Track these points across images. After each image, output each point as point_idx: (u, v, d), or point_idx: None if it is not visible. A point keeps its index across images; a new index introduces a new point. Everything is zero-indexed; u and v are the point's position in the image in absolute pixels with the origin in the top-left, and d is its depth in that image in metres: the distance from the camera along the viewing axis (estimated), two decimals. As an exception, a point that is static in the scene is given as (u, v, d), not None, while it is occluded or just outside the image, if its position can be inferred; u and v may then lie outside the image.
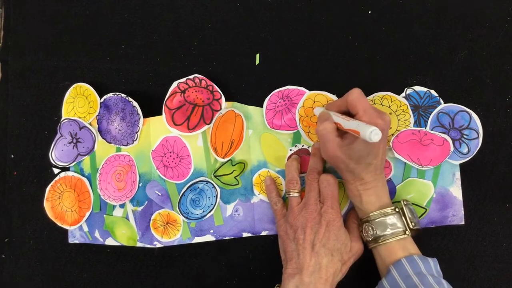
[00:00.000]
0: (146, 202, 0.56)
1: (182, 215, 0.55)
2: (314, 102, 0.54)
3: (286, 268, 0.49)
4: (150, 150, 0.55)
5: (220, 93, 0.54)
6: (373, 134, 0.41)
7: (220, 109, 0.54)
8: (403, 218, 0.48)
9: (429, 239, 0.54)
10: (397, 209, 0.48)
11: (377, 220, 0.47)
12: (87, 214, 0.57)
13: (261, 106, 0.55)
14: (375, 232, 0.47)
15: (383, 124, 0.45)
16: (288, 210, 0.51)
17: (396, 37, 0.56)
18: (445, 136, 0.52)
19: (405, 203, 0.49)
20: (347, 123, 0.45)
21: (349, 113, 0.48)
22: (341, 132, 0.48)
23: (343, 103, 0.48)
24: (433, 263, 0.46)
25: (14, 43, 0.61)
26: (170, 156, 0.55)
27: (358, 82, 0.55)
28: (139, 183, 0.56)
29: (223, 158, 0.54)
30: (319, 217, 0.48)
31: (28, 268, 0.58)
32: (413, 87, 0.54)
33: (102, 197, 0.56)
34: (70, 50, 0.59)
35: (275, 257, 0.52)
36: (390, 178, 0.53)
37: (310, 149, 0.54)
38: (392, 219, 0.47)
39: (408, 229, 0.47)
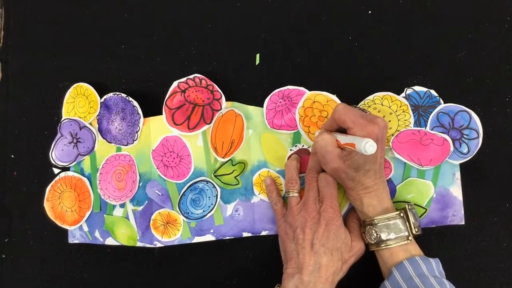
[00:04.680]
0: (146, 201, 0.56)
1: (182, 214, 0.55)
2: (314, 102, 0.54)
3: (286, 268, 0.49)
4: (150, 149, 0.55)
5: (220, 93, 0.54)
6: (367, 146, 0.41)
7: (220, 108, 0.54)
8: (406, 223, 0.47)
9: (429, 239, 0.54)
10: (401, 214, 0.48)
11: (381, 224, 0.47)
12: (87, 214, 0.57)
13: (261, 106, 0.55)
14: (378, 236, 0.47)
15: (377, 130, 0.44)
16: (287, 210, 0.51)
17: (396, 37, 0.56)
18: (445, 136, 0.52)
19: (409, 207, 0.48)
20: (343, 138, 0.45)
21: (342, 130, 0.48)
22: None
23: (332, 122, 0.48)
24: (435, 263, 0.46)
25: (14, 43, 0.61)
26: (170, 155, 0.55)
27: (358, 82, 0.55)
28: (139, 183, 0.56)
29: (223, 158, 0.54)
30: (318, 217, 0.48)
31: (28, 268, 0.58)
32: (413, 87, 0.54)
33: (102, 197, 0.56)
34: (70, 50, 0.59)
35: (275, 257, 0.52)
36: (390, 178, 0.53)
37: (310, 149, 0.54)
38: (396, 224, 0.47)
39: (411, 234, 0.47)
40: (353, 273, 0.50)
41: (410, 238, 0.47)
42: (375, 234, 0.47)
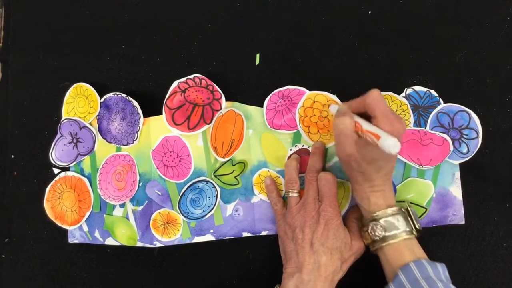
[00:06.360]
0: (146, 201, 0.56)
1: (182, 214, 0.55)
2: (314, 102, 0.54)
3: (286, 267, 0.49)
4: (150, 149, 0.55)
5: (220, 93, 0.54)
6: (392, 146, 0.40)
7: (220, 108, 0.54)
8: (409, 218, 0.47)
9: (429, 239, 0.54)
10: (403, 209, 0.47)
11: (385, 219, 0.47)
12: (87, 214, 0.57)
13: (261, 106, 0.55)
14: (383, 230, 0.46)
15: (402, 130, 0.43)
16: (287, 209, 0.51)
17: (396, 37, 0.56)
18: (445, 135, 0.52)
19: (409, 204, 0.49)
20: (367, 125, 0.44)
21: (366, 115, 0.46)
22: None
23: (361, 105, 0.46)
24: (441, 268, 0.45)
25: (14, 43, 0.61)
26: (170, 155, 0.55)
27: (358, 82, 0.55)
28: (139, 183, 0.56)
29: (223, 157, 0.54)
30: (317, 216, 0.48)
31: (28, 268, 0.58)
32: (413, 87, 0.54)
33: (102, 197, 0.56)
34: (70, 50, 0.59)
35: (275, 257, 0.52)
36: (390, 178, 0.53)
37: (310, 149, 0.54)
38: (400, 219, 0.47)
39: (415, 229, 0.47)
40: (353, 273, 0.50)
41: (414, 232, 0.47)
42: (380, 230, 0.46)
